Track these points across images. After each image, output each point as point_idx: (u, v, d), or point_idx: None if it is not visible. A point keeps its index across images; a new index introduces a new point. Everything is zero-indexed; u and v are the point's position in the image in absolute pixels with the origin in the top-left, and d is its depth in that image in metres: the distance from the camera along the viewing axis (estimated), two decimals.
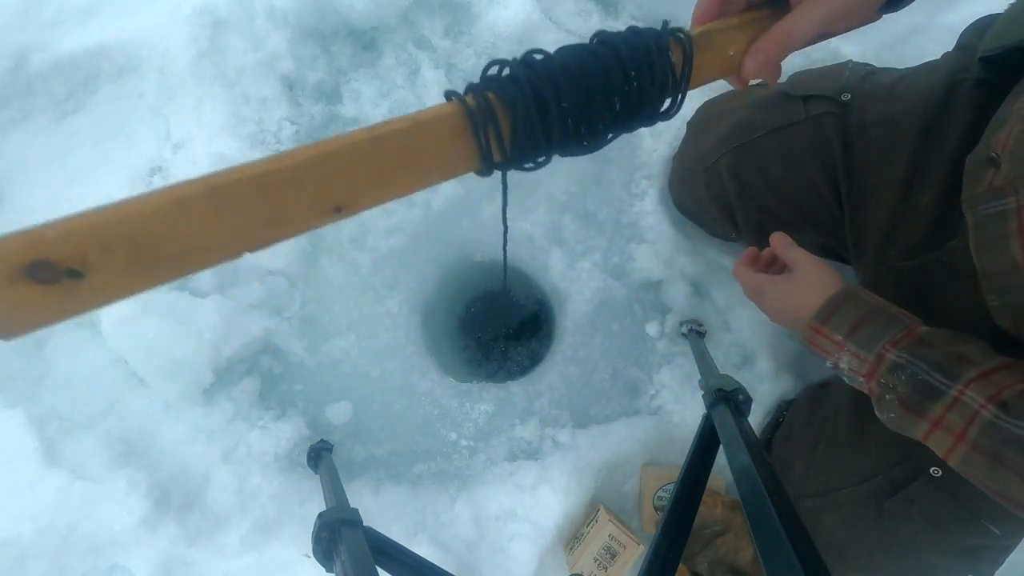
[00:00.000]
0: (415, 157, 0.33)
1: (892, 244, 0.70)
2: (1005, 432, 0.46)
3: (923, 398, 0.51)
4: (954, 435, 0.49)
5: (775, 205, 0.83)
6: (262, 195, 0.30)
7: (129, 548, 0.88)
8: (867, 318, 0.57)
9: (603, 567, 0.90)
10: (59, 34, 1.04)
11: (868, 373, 0.55)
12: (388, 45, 1.12)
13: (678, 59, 0.42)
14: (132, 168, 1.03)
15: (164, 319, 0.91)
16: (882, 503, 0.68)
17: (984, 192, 0.54)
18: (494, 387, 1.06)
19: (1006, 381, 0.48)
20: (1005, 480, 0.46)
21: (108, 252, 0.24)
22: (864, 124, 0.73)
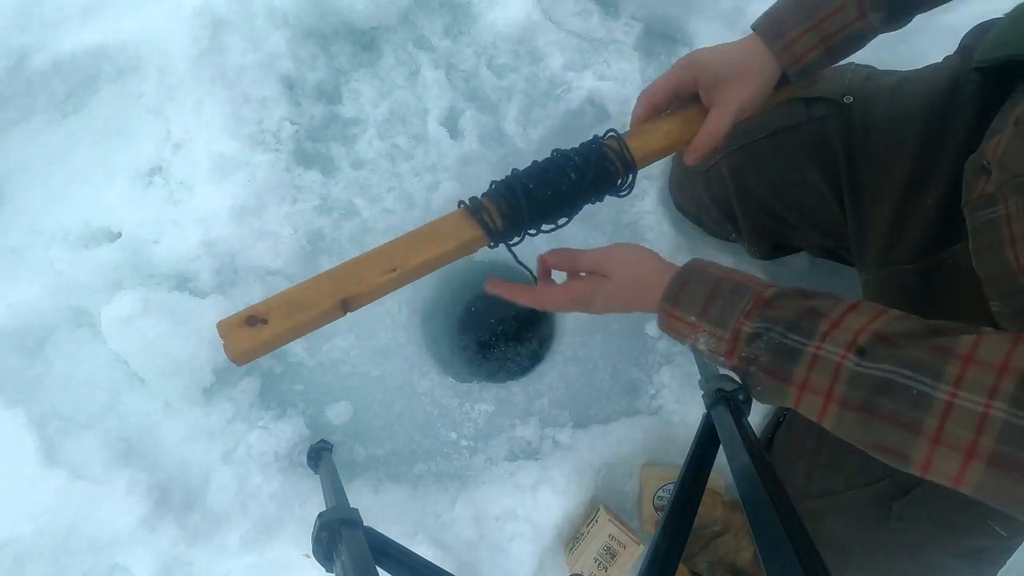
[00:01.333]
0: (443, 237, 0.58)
1: (896, 247, 0.70)
2: (870, 379, 0.42)
3: (784, 362, 0.47)
4: (823, 395, 0.45)
5: (776, 207, 0.83)
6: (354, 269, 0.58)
7: (129, 548, 0.88)
8: (715, 292, 0.52)
9: (603, 567, 0.90)
10: (59, 34, 1.04)
11: (728, 351, 0.51)
12: (388, 45, 1.12)
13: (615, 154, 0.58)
14: (132, 168, 1.03)
15: (164, 319, 0.91)
16: (890, 505, 0.67)
17: (977, 199, 0.54)
18: (494, 387, 1.06)
19: (858, 324, 0.45)
20: (881, 431, 0.42)
21: (277, 311, 0.53)
22: (866, 126, 0.73)
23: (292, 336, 0.53)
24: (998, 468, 0.37)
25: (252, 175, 1.00)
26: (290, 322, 0.52)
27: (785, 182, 0.80)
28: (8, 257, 1.01)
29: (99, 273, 0.96)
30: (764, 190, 0.83)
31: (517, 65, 1.11)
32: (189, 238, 0.96)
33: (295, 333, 0.53)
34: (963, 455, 0.38)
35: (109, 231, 1.01)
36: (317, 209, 1.03)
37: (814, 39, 0.59)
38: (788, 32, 0.59)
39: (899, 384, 0.41)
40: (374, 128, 1.07)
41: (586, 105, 1.11)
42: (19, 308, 0.96)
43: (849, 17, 0.58)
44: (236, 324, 0.53)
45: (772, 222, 0.86)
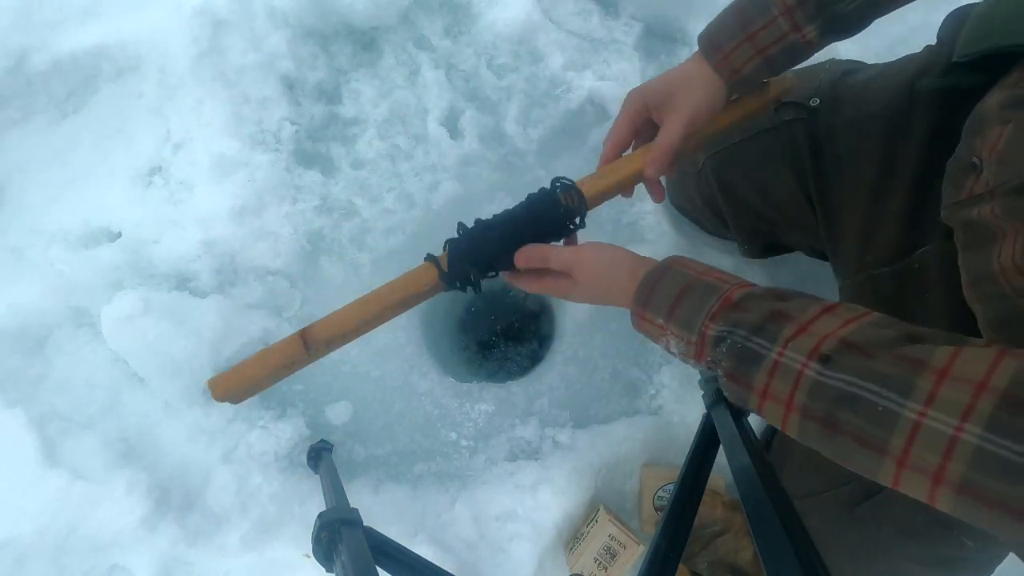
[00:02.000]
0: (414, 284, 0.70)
1: (867, 251, 0.69)
2: (832, 390, 0.39)
3: (747, 367, 0.44)
4: (783, 404, 0.42)
5: (761, 208, 0.83)
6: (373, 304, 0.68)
7: (129, 548, 0.88)
8: (685, 292, 0.50)
9: (603, 567, 0.90)
10: (59, 34, 1.04)
11: (697, 355, 0.49)
12: (388, 45, 1.12)
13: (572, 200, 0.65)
14: (132, 168, 1.03)
15: (164, 319, 0.91)
16: (853, 509, 0.67)
17: (966, 199, 0.51)
18: (494, 387, 1.06)
19: (826, 330, 0.42)
20: (844, 447, 0.39)
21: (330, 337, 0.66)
22: (833, 129, 0.72)
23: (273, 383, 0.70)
24: (968, 496, 0.34)
25: (252, 175, 1.00)
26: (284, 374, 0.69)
27: (766, 184, 0.80)
28: (8, 257, 1.01)
29: (99, 273, 0.96)
30: (748, 192, 0.83)
31: (517, 65, 1.11)
32: (189, 238, 0.96)
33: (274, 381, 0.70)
34: (931, 480, 0.35)
35: (109, 231, 1.01)
36: (317, 209, 1.03)
37: (749, 51, 0.60)
38: (724, 45, 0.60)
39: (863, 399, 0.38)
40: (374, 128, 1.07)
41: (586, 105, 1.11)
42: (19, 308, 0.96)
43: (781, 30, 0.58)
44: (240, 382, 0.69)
45: (759, 222, 0.86)
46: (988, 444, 0.32)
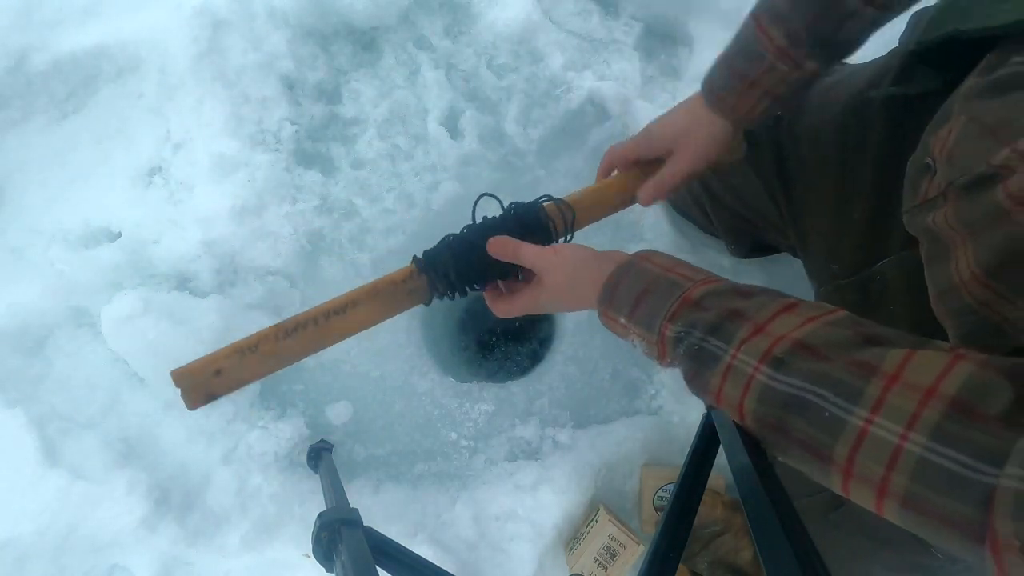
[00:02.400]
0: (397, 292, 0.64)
1: (834, 259, 0.68)
2: (781, 395, 0.37)
3: (703, 368, 0.42)
4: (736, 409, 0.40)
5: (741, 210, 0.83)
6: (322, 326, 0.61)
7: (129, 548, 0.88)
8: (648, 290, 0.48)
9: (603, 567, 0.90)
10: (59, 34, 1.04)
11: (659, 356, 0.47)
12: (388, 45, 1.12)
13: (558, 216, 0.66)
14: (132, 168, 1.03)
15: (164, 319, 0.91)
16: (827, 515, 0.67)
17: (921, 204, 0.47)
18: (494, 387, 1.06)
19: (782, 331, 0.39)
20: (795, 455, 0.38)
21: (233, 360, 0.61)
22: (795, 137, 0.70)
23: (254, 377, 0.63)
24: (913, 511, 0.31)
25: (252, 175, 1.00)
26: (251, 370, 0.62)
27: (741, 189, 0.80)
28: (8, 257, 1.01)
29: (99, 273, 0.96)
30: (727, 194, 0.83)
31: (517, 65, 1.11)
32: (189, 238, 0.96)
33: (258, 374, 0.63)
34: (876, 492, 0.33)
35: (109, 231, 1.01)
36: (317, 209, 1.03)
37: (756, 95, 0.59)
38: (725, 97, 0.60)
39: (812, 404, 0.36)
40: (374, 128, 1.07)
41: (586, 105, 1.11)
42: (19, 308, 0.96)
43: (779, 72, 0.56)
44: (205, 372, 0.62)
45: (742, 223, 0.86)
46: (931, 455, 0.30)
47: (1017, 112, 0.41)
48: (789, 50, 0.55)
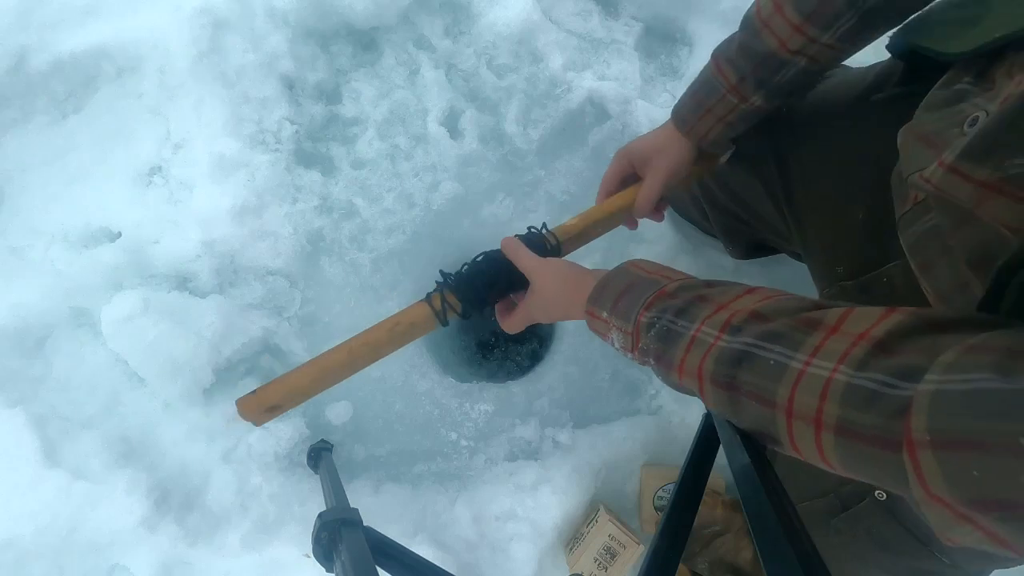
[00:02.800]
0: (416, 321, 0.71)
1: (836, 262, 0.68)
2: (732, 352, 0.40)
3: (669, 347, 0.46)
4: (695, 375, 0.43)
5: (738, 211, 0.83)
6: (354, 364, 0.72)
7: (129, 548, 0.88)
8: (630, 287, 0.53)
9: (603, 567, 0.90)
10: (59, 34, 1.04)
11: (632, 346, 0.51)
12: (388, 45, 1.12)
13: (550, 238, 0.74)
14: (132, 168, 1.03)
15: (164, 319, 0.91)
16: (830, 520, 0.68)
17: (911, 210, 0.49)
18: (494, 387, 1.06)
19: (741, 307, 0.43)
20: (747, 409, 0.40)
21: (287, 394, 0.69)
22: (797, 139, 0.71)
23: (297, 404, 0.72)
24: (846, 437, 0.34)
25: (252, 175, 1.00)
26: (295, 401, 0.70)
27: (739, 192, 0.80)
28: (8, 257, 1.01)
29: (99, 273, 0.96)
30: (724, 195, 0.83)
31: (517, 65, 1.11)
32: (189, 238, 0.96)
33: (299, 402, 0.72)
34: (813, 425, 0.35)
35: (109, 231, 1.01)
36: (317, 209, 1.03)
37: (711, 121, 0.69)
38: (689, 120, 0.71)
39: (758, 356, 0.39)
40: (374, 128, 1.07)
41: (586, 105, 1.11)
42: (19, 308, 0.96)
43: (731, 103, 0.67)
44: (260, 407, 0.70)
45: (739, 224, 0.86)
46: (856, 380, 0.33)
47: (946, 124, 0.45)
48: (738, 87, 0.65)
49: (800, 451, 0.38)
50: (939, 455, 0.28)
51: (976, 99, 0.46)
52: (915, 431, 0.29)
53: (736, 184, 0.80)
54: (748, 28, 0.63)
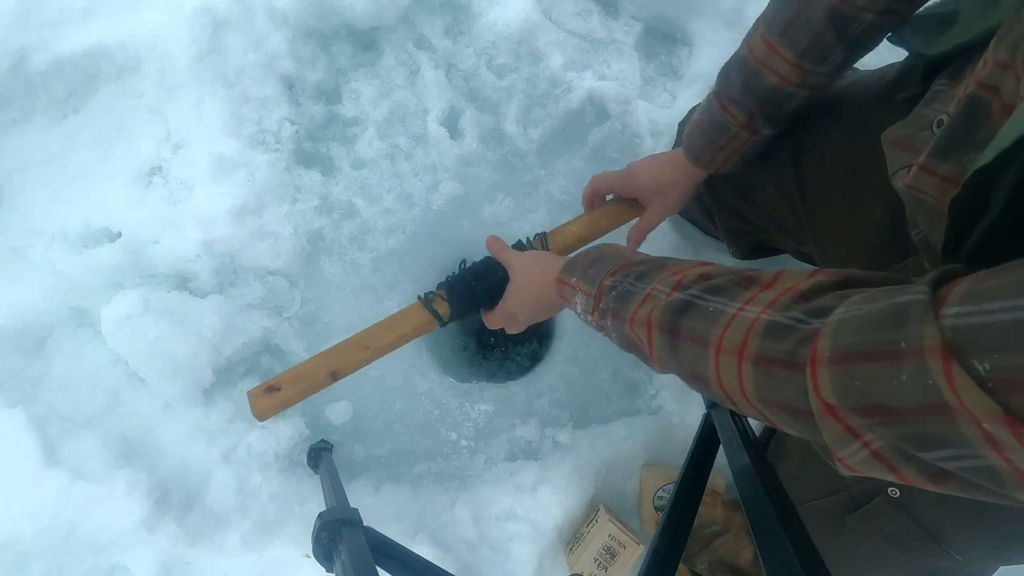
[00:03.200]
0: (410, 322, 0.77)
1: (852, 260, 0.68)
2: (678, 302, 0.46)
3: (625, 304, 0.52)
4: (646, 324, 0.49)
5: (747, 211, 0.83)
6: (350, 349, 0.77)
7: (129, 548, 0.88)
8: (598, 260, 0.59)
9: (603, 567, 0.90)
10: (59, 34, 1.04)
11: (593, 308, 0.57)
12: (388, 45, 1.12)
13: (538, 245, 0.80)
14: (132, 168, 1.03)
15: (164, 319, 0.91)
16: (843, 518, 0.68)
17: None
18: (494, 387, 1.06)
19: (693, 271, 0.48)
20: (684, 351, 0.45)
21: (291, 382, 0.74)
22: (813, 137, 0.72)
23: (299, 399, 0.76)
24: (762, 364, 0.38)
25: (252, 175, 1.00)
26: (296, 389, 0.75)
27: (750, 189, 0.80)
28: (8, 257, 1.01)
29: (99, 273, 0.96)
30: (733, 194, 0.83)
31: (517, 65, 1.11)
32: (189, 238, 0.96)
33: (301, 397, 0.76)
34: (736, 357, 0.39)
35: (109, 231, 1.01)
36: (317, 209, 1.03)
37: (726, 155, 0.74)
38: (703, 157, 0.75)
39: (699, 305, 0.44)
40: (374, 128, 1.07)
41: (586, 105, 1.11)
42: (19, 308, 0.96)
43: (744, 138, 0.71)
44: (259, 392, 0.74)
45: (745, 224, 0.86)
46: (777, 318, 0.38)
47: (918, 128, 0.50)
48: (748, 124, 0.69)
49: (724, 386, 0.42)
50: (833, 368, 0.33)
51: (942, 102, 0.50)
52: (819, 352, 0.34)
53: (747, 183, 0.80)
54: (745, 70, 0.67)
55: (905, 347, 0.29)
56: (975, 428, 0.27)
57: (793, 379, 0.36)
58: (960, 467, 0.30)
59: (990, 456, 0.28)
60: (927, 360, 0.28)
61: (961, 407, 0.27)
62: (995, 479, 0.29)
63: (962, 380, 0.27)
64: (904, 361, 0.29)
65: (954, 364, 0.27)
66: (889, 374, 0.30)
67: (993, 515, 0.57)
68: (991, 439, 0.27)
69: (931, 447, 0.30)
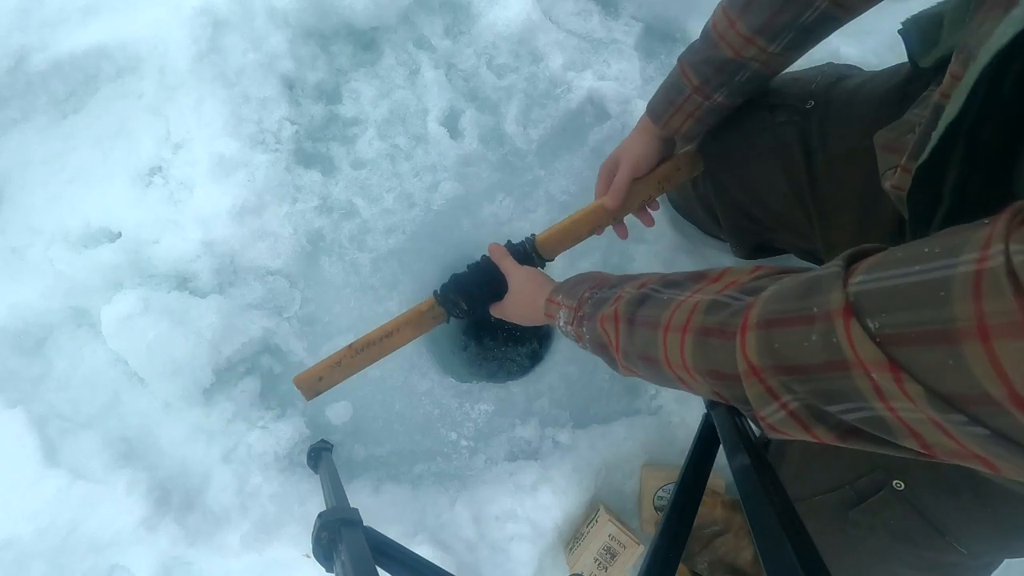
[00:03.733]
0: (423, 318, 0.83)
1: None
2: (639, 296, 0.53)
3: (597, 308, 0.59)
4: (613, 318, 0.55)
5: (752, 209, 0.83)
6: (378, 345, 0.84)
7: (129, 548, 0.88)
8: (582, 281, 0.67)
9: (603, 567, 0.90)
10: (59, 34, 1.04)
11: (572, 318, 0.64)
12: (388, 45, 1.12)
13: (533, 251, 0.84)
14: (132, 168, 1.03)
15: (164, 319, 0.91)
16: (847, 513, 0.68)
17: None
18: (494, 387, 1.06)
19: (657, 275, 0.55)
20: (639, 336, 0.51)
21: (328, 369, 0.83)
22: (824, 133, 0.73)
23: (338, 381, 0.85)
24: (701, 335, 0.43)
25: (252, 175, 1.00)
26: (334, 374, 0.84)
27: (758, 186, 0.81)
28: (8, 257, 1.01)
29: (99, 273, 0.96)
30: (739, 192, 0.83)
31: (517, 65, 1.11)
32: (189, 238, 0.96)
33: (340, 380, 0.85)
34: (680, 332, 0.45)
35: (109, 231, 1.01)
36: (317, 209, 1.03)
37: (682, 117, 0.78)
38: (662, 115, 0.79)
39: (655, 297, 0.51)
40: (374, 128, 1.07)
41: (586, 105, 1.11)
42: (19, 308, 0.96)
43: (697, 101, 0.75)
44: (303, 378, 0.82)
45: (750, 223, 0.86)
46: (718, 298, 0.44)
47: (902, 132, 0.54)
48: (701, 87, 0.74)
49: (670, 361, 0.47)
50: (758, 333, 0.37)
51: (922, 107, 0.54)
52: (749, 320, 0.38)
53: (755, 180, 0.80)
54: (707, 40, 0.72)
55: (816, 312, 0.33)
56: (867, 380, 0.31)
57: (725, 346, 0.40)
58: (858, 419, 0.34)
59: (879, 407, 0.32)
60: (833, 321, 0.32)
61: (857, 360, 0.31)
62: (886, 429, 0.33)
63: (858, 336, 0.31)
64: (815, 324, 0.33)
65: (853, 322, 0.31)
66: (802, 336, 0.34)
67: (998, 507, 0.57)
68: (879, 390, 0.31)
69: (835, 401, 0.34)
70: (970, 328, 0.26)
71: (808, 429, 0.37)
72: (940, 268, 0.28)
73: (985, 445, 0.29)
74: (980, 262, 0.26)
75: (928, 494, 0.61)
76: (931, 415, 0.29)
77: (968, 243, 0.27)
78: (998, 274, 0.25)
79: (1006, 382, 0.25)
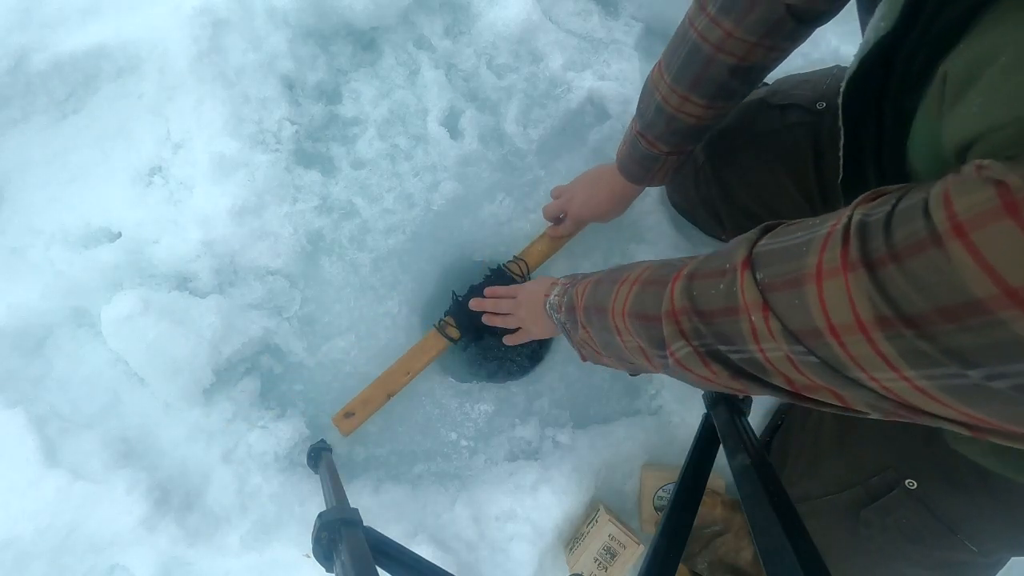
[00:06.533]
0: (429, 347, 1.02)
1: None
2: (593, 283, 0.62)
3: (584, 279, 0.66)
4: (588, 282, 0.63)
5: (757, 209, 0.83)
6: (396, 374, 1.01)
7: (129, 548, 0.88)
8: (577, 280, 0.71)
9: (603, 567, 0.90)
10: (59, 34, 1.04)
11: (563, 292, 0.71)
12: (388, 45, 1.12)
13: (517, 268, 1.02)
14: (132, 168, 1.03)
15: (164, 319, 0.91)
16: (858, 512, 0.68)
17: None
18: (494, 387, 1.06)
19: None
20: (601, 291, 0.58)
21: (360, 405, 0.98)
22: (834, 134, 0.72)
23: (368, 416, 0.99)
24: (645, 285, 0.51)
25: (252, 175, 1.00)
26: (366, 411, 0.98)
27: (763, 187, 0.81)
28: (8, 257, 1.01)
29: (99, 273, 0.96)
30: (744, 193, 0.83)
31: (517, 65, 1.11)
32: (189, 238, 0.96)
33: (369, 415, 0.99)
34: (631, 284, 0.53)
35: (109, 231, 1.01)
36: (317, 209, 1.03)
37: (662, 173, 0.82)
38: (644, 179, 0.85)
39: (604, 281, 0.59)
40: (374, 128, 1.07)
41: (586, 105, 1.11)
42: (19, 308, 0.96)
43: (672, 160, 0.79)
44: (339, 418, 0.97)
45: (754, 223, 0.86)
46: (638, 287, 0.51)
47: None
48: (675, 150, 0.78)
49: (615, 308, 0.54)
50: (684, 282, 0.45)
51: None
52: (683, 272, 0.46)
53: (762, 183, 0.80)
54: (664, 115, 0.74)
55: (728, 267, 0.40)
56: (747, 323, 0.38)
57: (659, 294, 0.47)
58: (741, 359, 0.40)
59: (753, 348, 0.38)
60: (736, 273, 0.39)
61: (744, 305, 0.38)
62: (761, 369, 0.39)
63: (748, 284, 0.37)
64: (725, 276, 0.40)
65: (747, 273, 0.38)
66: (713, 285, 0.41)
67: (1012, 503, 0.57)
68: (755, 332, 0.37)
69: (728, 343, 0.40)
70: (811, 273, 0.32)
71: (707, 365, 0.43)
72: (811, 232, 0.34)
73: (820, 374, 0.34)
74: (833, 225, 0.32)
75: (940, 492, 0.61)
76: (786, 351, 0.35)
77: (836, 214, 0.33)
78: (838, 231, 0.31)
79: (826, 317, 0.31)
